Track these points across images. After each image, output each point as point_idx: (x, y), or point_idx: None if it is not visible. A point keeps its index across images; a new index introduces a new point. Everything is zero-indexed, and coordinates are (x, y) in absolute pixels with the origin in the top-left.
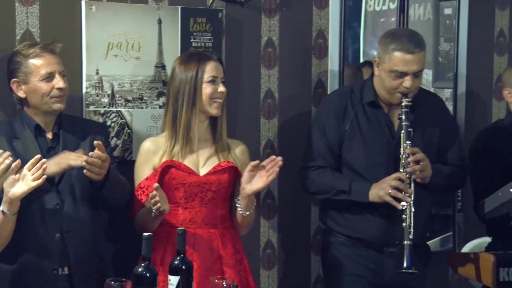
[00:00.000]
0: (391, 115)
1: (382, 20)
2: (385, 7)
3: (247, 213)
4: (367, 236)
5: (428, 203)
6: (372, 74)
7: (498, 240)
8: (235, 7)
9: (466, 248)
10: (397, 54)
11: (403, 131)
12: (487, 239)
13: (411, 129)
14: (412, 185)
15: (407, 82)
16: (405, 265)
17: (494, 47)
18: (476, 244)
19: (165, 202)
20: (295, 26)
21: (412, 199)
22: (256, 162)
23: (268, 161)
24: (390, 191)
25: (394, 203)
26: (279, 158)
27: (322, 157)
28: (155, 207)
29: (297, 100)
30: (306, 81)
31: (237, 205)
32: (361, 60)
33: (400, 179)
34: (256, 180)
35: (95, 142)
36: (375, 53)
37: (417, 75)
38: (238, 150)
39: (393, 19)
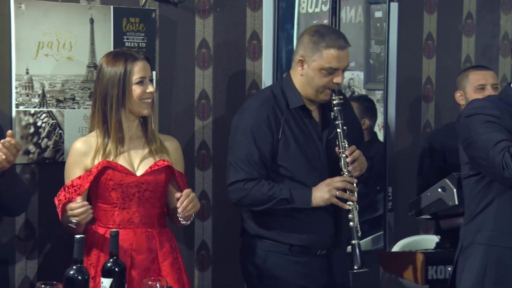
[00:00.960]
0: (315, 116)
1: (315, 22)
2: (317, 9)
3: (188, 223)
4: (312, 241)
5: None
6: (289, 76)
7: (447, 239)
8: (169, 7)
9: (396, 247)
10: (330, 51)
11: (339, 130)
12: (416, 238)
13: (345, 127)
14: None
15: (339, 78)
16: (356, 265)
17: (422, 50)
18: (406, 243)
19: (88, 215)
20: (229, 27)
21: (356, 198)
22: (178, 195)
23: (180, 211)
24: (337, 193)
25: (341, 204)
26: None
27: (255, 169)
28: (75, 219)
29: (232, 101)
30: (241, 82)
31: (178, 215)
32: None
33: (345, 180)
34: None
35: (9, 131)
36: None
37: (344, 70)
38: (171, 147)
39: (325, 21)
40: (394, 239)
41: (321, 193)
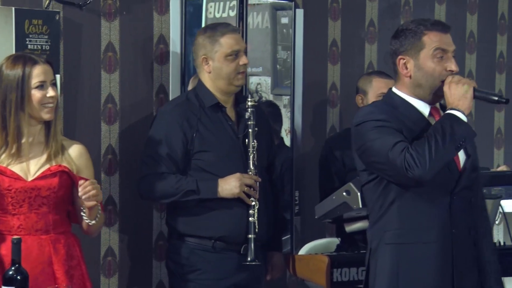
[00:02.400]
0: (230, 114)
1: None
2: (225, 14)
3: (93, 222)
4: (229, 233)
5: (270, 202)
6: (199, 80)
7: (347, 241)
8: (73, 9)
9: (303, 250)
10: (227, 36)
11: (250, 130)
12: (322, 241)
13: (256, 128)
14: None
15: (243, 58)
16: (249, 258)
17: (327, 56)
18: (312, 246)
19: None
20: (136, 31)
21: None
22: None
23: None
24: (245, 188)
25: (246, 199)
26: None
27: (163, 164)
28: None
29: (139, 105)
30: (148, 86)
31: (82, 213)
32: None
33: (252, 178)
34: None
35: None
36: None
37: (245, 53)
38: (75, 152)
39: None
40: (301, 242)
41: (231, 187)
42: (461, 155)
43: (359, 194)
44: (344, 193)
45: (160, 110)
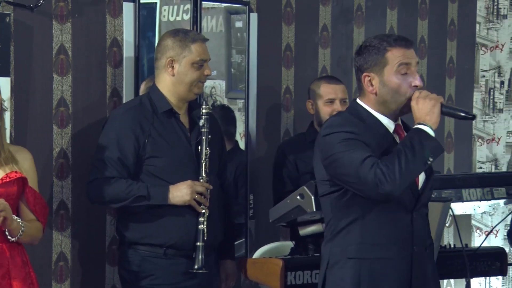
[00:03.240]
0: (183, 120)
1: None
2: (179, 18)
3: (14, 239)
4: (179, 241)
5: (222, 209)
6: (154, 84)
7: (300, 244)
8: (24, 11)
9: (257, 254)
10: (198, 44)
11: (204, 137)
12: (277, 244)
13: (210, 136)
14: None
15: (208, 70)
16: (196, 265)
17: (281, 60)
18: (266, 249)
19: None
20: (88, 34)
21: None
22: None
23: None
24: (196, 196)
25: (197, 206)
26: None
27: (114, 169)
28: None
29: (92, 108)
30: (101, 89)
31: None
32: None
33: (204, 186)
34: None
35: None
36: None
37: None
38: (22, 158)
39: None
40: (255, 246)
41: (182, 194)
42: (421, 174)
43: (312, 197)
44: (298, 197)
45: (112, 113)
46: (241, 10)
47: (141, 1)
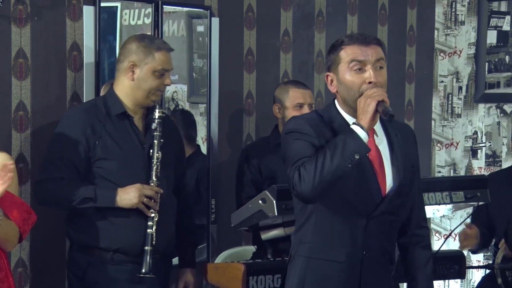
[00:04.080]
0: (138, 124)
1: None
2: (140, 22)
3: None
4: (127, 245)
5: (175, 215)
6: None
7: (262, 249)
8: None
9: (219, 259)
10: (162, 53)
11: (156, 141)
12: (239, 249)
13: (162, 140)
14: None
15: (168, 80)
16: (143, 269)
17: (243, 64)
18: (228, 254)
19: None
20: (48, 37)
21: (158, 208)
22: None
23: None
24: (145, 200)
25: (146, 210)
26: (10, 162)
27: (63, 169)
28: None
29: (51, 112)
30: (61, 93)
31: None
32: None
33: (153, 190)
34: None
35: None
36: None
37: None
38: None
39: (148, 33)
40: (217, 250)
41: (130, 197)
42: (389, 180)
43: (274, 202)
44: (260, 201)
45: (65, 113)
46: (203, 14)
47: (102, 5)
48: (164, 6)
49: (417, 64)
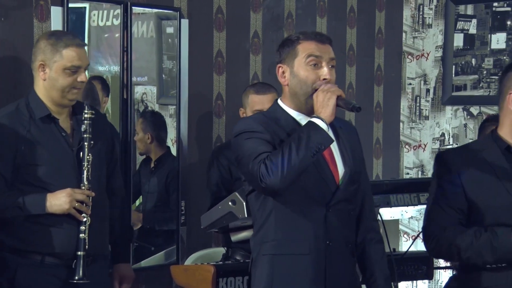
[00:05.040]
0: (64, 126)
1: (106, 35)
2: (109, 23)
3: None
4: (58, 250)
5: (107, 216)
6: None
7: (232, 251)
8: None
9: (189, 261)
10: (70, 50)
11: (86, 143)
12: (209, 251)
13: (93, 142)
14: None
15: (82, 76)
16: (76, 276)
17: (213, 66)
18: (198, 256)
19: None
20: (15, 38)
21: (90, 212)
22: None
23: None
24: (76, 204)
25: (78, 215)
26: None
27: None
28: None
29: None
30: (24, 94)
31: None
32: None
33: (85, 194)
34: None
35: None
36: (100, 68)
37: (86, 69)
38: None
39: (117, 35)
40: (187, 252)
41: (61, 202)
42: (341, 168)
43: (244, 203)
44: (230, 203)
45: None
46: (172, 16)
47: (70, 6)
48: (133, 7)
49: (385, 66)
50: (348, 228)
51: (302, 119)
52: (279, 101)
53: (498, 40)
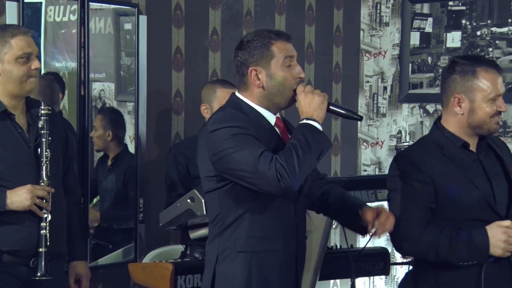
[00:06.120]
0: (20, 122)
1: (63, 31)
2: (65, 19)
3: None
4: (19, 247)
5: (65, 213)
6: None
7: (190, 248)
8: None
9: (147, 258)
10: (20, 38)
11: (44, 139)
12: (167, 248)
13: (50, 138)
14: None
15: (35, 62)
16: (39, 273)
17: (172, 63)
18: (157, 253)
19: None
20: None
21: (50, 208)
22: None
23: None
24: (37, 201)
25: (38, 211)
26: None
27: None
28: None
29: None
30: None
31: None
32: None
33: (45, 190)
34: None
35: None
36: (57, 64)
37: (37, 56)
38: None
39: (74, 30)
40: (145, 250)
41: (21, 199)
42: None
43: (203, 201)
44: (189, 200)
45: None
46: (130, 12)
47: (25, 1)
48: (90, 3)
49: (343, 64)
50: (305, 222)
51: (270, 118)
52: (241, 96)
53: (453, 39)
